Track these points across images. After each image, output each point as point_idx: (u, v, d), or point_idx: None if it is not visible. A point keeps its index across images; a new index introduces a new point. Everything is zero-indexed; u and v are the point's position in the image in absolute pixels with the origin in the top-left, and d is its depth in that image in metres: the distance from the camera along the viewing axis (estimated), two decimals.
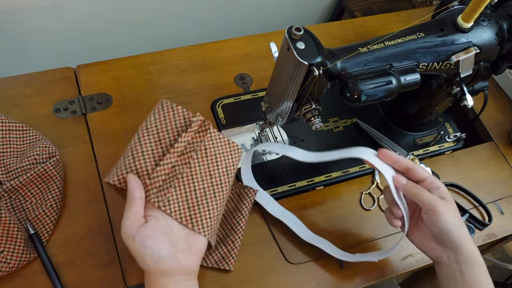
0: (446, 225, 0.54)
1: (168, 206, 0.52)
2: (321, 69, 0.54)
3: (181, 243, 0.51)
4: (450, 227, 0.54)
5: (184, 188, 0.54)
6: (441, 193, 0.56)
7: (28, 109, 0.70)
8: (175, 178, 0.53)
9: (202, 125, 0.56)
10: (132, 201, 0.50)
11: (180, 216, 0.53)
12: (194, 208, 0.54)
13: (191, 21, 1.18)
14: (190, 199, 0.54)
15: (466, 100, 0.69)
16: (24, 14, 0.94)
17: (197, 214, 0.54)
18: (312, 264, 0.64)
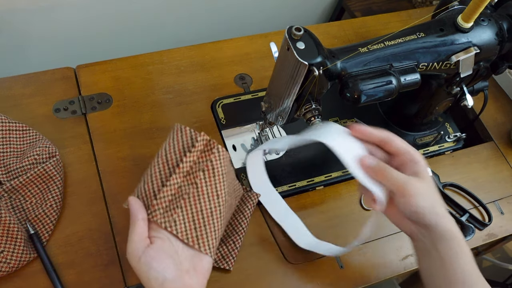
0: (418, 208, 0.51)
1: (174, 227, 0.52)
2: (321, 69, 0.54)
3: (186, 264, 0.50)
4: (422, 209, 0.51)
5: (191, 208, 0.53)
6: (416, 169, 0.52)
7: (28, 109, 0.70)
8: (182, 198, 0.53)
9: (207, 144, 0.55)
10: (135, 222, 0.50)
11: (187, 237, 0.52)
12: (200, 228, 0.53)
13: (191, 21, 1.18)
14: (197, 220, 0.53)
15: (466, 100, 0.69)
16: (24, 14, 0.94)
17: (204, 235, 0.53)
18: (312, 264, 0.64)
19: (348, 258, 0.66)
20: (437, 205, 0.52)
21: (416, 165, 0.53)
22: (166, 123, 0.72)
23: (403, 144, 0.54)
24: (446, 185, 0.74)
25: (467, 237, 0.70)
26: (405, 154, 0.53)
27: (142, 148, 0.69)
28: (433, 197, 0.52)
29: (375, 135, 0.54)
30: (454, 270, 0.51)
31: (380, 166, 0.53)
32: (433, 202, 0.52)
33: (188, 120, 0.73)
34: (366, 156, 0.54)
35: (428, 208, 0.51)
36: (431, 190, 0.52)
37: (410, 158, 0.53)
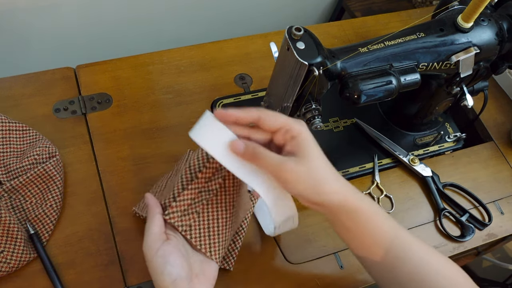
0: (298, 192, 0.46)
1: (189, 231, 0.52)
2: (321, 69, 0.54)
3: (196, 268, 0.50)
4: (303, 192, 0.46)
5: (207, 215, 0.53)
6: (294, 145, 0.46)
7: (28, 109, 0.70)
8: (200, 203, 0.52)
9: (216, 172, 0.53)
10: (155, 215, 0.50)
11: (200, 244, 0.52)
12: (214, 237, 0.53)
13: (191, 21, 1.18)
14: (212, 227, 0.53)
15: (466, 100, 0.69)
16: (24, 14, 0.94)
17: (216, 243, 0.53)
18: (312, 264, 0.64)
19: (348, 258, 0.66)
20: (322, 184, 0.46)
21: (294, 140, 0.46)
22: (166, 123, 0.72)
23: (277, 117, 0.47)
24: (446, 185, 0.74)
25: (467, 237, 0.70)
26: (281, 129, 0.47)
27: (142, 148, 0.69)
28: (315, 177, 0.46)
29: (244, 116, 0.47)
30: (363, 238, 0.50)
31: (249, 149, 0.46)
32: (314, 182, 0.46)
33: (188, 120, 0.73)
34: (234, 142, 0.46)
35: (309, 190, 0.46)
36: (311, 170, 0.46)
37: (288, 133, 0.47)
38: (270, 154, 0.46)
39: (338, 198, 0.47)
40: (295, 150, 0.46)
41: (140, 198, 0.65)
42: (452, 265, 0.51)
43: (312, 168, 0.46)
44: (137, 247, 0.61)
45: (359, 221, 0.49)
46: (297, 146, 0.46)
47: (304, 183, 0.46)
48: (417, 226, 0.71)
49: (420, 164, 0.75)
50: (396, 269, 0.50)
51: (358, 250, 0.52)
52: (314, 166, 0.46)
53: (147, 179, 0.67)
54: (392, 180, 0.74)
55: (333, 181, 0.47)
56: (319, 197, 0.47)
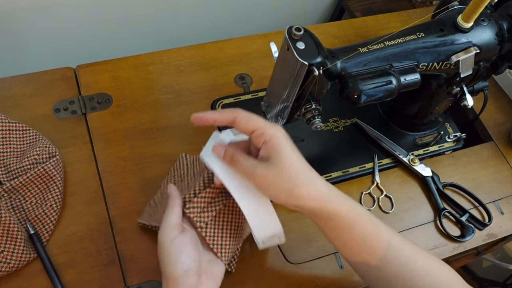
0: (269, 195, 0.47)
1: (205, 229, 0.52)
2: (321, 69, 0.54)
3: (204, 266, 0.50)
4: (276, 198, 0.46)
5: (223, 216, 0.53)
6: (268, 149, 0.46)
7: (28, 109, 0.70)
8: (220, 203, 0.53)
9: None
10: (175, 206, 0.51)
11: (213, 243, 0.52)
12: (226, 238, 0.53)
13: (191, 21, 1.18)
14: (225, 229, 0.53)
15: (466, 100, 0.69)
16: (24, 14, 0.94)
17: (227, 245, 0.53)
18: (312, 264, 0.64)
19: None
20: (296, 187, 0.45)
21: (266, 144, 0.46)
22: (166, 123, 0.72)
23: (250, 120, 0.47)
24: (446, 185, 0.74)
25: (467, 237, 0.70)
26: (256, 132, 0.47)
27: (142, 148, 0.69)
28: (288, 180, 0.45)
29: (220, 119, 0.48)
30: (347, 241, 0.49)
31: (228, 154, 0.47)
32: (287, 186, 0.45)
33: (188, 120, 0.72)
34: (217, 146, 0.49)
35: (282, 194, 0.46)
36: (281, 174, 0.45)
37: (261, 137, 0.46)
38: (245, 160, 0.47)
39: (314, 204, 0.47)
40: (268, 155, 0.46)
41: (140, 198, 0.65)
42: (440, 264, 0.51)
43: (283, 172, 0.45)
44: (137, 247, 0.61)
45: (340, 226, 0.49)
46: (269, 150, 0.46)
47: (275, 187, 0.46)
48: (417, 226, 0.71)
49: (420, 164, 0.75)
50: (382, 269, 0.50)
51: (342, 251, 0.52)
52: (286, 170, 0.45)
53: (147, 179, 0.67)
54: (392, 180, 0.74)
55: (308, 185, 0.46)
56: (295, 201, 0.46)
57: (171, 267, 0.47)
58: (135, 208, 0.64)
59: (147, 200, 0.65)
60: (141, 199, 0.65)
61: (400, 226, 0.70)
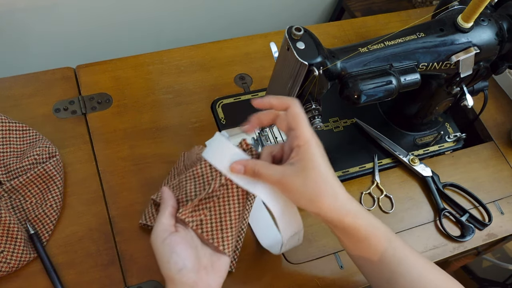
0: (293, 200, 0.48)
1: (200, 226, 0.52)
2: (321, 69, 0.54)
3: (205, 260, 0.51)
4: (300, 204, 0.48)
5: (219, 209, 0.53)
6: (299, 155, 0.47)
7: (28, 109, 0.70)
8: (211, 200, 0.53)
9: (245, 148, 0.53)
10: (167, 207, 0.51)
11: (212, 237, 0.52)
12: (227, 230, 0.53)
13: (191, 21, 1.18)
14: (224, 221, 0.53)
15: (466, 100, 0.69)
16: (24, 14, 0.94)
17: (229, 236, 0.53)
18: (312, 264, 0.64)
19: (348, 258, 0.65)
20: (317, 198, 0.47)
21: (299, 149, 0.47)
22: (166, 123, 0.72)
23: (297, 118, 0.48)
24: (446, 185, 0.74)
25: (467, 237, 0.70)
26: (293, 132, 0.48)
27: (142, 148, 0.69)
28: (311, 190, 0.46)
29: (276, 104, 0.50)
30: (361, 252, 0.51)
31: (248, 168, 0.48)
32: (310, 195, 0.47)
33: (188, 120, 0.73)
34: (234, 165, 0.49)
35: (304, 201, 0.47)
36: (307, 182, 0.46)
37: (296, 139, 0.47)
38: (268, 170, 0.48)
39: (333, 216, 0.48)
40: (298, 159, 0.47)
41: (140, 198, 0.65)
42: (450, 280, 0.52)
43: (309, 179, 0.46)
44: (137, 247, 0.61)
45: (357, 239, 0.50)
46: (301, 155, 0.47)
47: (299, 193, 0.47)
48: (417, 226, 0.71)
49: (420, 164, 0.75)
50: (393, 283, 0.51)
51: (355, 259, 0.54)
52: (312, 178, 0.46)
53: (147, 179, 0.67)
54: (392, 180, 0.74)
55: (330, 196, 0.47)
56: (315, 210, 0.48)
57: (165, 267, 0.48)
58: (135, 208, 0.64)
59: (147, 200, 0.65)
60: (141, 199, 0.65)
61: (400, 226, 0.70)
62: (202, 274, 0.49)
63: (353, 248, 0.52)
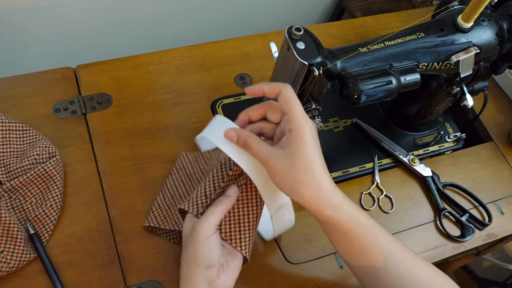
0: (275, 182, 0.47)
1: (219, 226, 0.53)
2: (321, 69, 0.54)
3: (222, 260, 0.52)
4: (281, 188, 0.47)
5: (238, 211, 0.54)
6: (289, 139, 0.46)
7: (28, 109, 0.70)
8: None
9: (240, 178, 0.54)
10: (222, 208, 0.51)
11: (230, 238, 0.53)
12: (245, 232, 0.54)
13: (191, 21, 1.18)
14: (243, 222, 0.54)
15: (466, 100, 0.69)
16: (24, 14, 0.94)
17: (247, 238, 0.54)
18: (312, 264, 0.64)
19: None
20: (299, 186, 0.45)
21: (290, 134, 0.46)
22: (166, 123, 0.72)
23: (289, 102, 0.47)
24: (446, 185, 0.74)
25: (467, 237, 0.70)
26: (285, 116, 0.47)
27: (142, 148, 0.69)
28: (294, 176, 0.45)
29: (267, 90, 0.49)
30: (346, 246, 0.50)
31: (241, 138, 0.48)
32: (292, 183, 0.46)
33: (188, 120, 0.73)
34: (228, 130, 0.49)
35: (286, 189, 0.47)
36: (292, 168, 0.45)
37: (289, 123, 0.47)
38: (259, 146, 0.47)
39: (313, 207, 0.47)
40: (288, 144, 0.46)
41: (140, 198, 0.65)
42: (442, 276, 0.51)
43: (294, 167, 0.45)
44: (137, 247, 0.61)
45: (338, 232, 0.49)
46: (290, 140, 0.46)
47: (282, 178, 0.46)
48: (417, 226, 0.71)
49: (420, 164, 0.75)
50: (380, 279, 0.50)
51: (342, 255, 0.53)
52: (297, 166, 0.45)
53: (147, 179, 0.67)
54: (392, 180, 0.74)
55: (312, 187, 0.46)
56: (295, 198, 0.47)
57: (197, 261, 0.49)
58: (135, 208, 0.64)
59: (147, 200, 0.65)
60: (141, 199, 0.65)
61: (400, 226, 0.70)
62: (221, 272, 0.51)
63: (336, 241, 0.51)
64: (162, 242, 0.62)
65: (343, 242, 0.50)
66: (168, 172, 0.67)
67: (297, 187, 0.46)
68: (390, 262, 0.49)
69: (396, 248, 0.50)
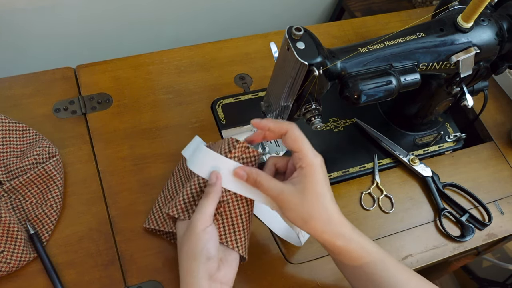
0: (288, 217, 0.50)
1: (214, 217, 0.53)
2: (321, 69, 0.54)
3: (220, 253, 0.53)
4: (295, 222, 0.50)
5: (230, 213, 0.54)
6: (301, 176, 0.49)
7: (28, 109, 0.70)
8: (221, 204, 0.53)
9: (245, 151, 0.54)
10: (215, 196, 0.51)
11: (226, 240, 0.54)
12: (239, 232, 0.54)
13: (191, 21, 1.18)
14: (236, 224, 0.54)
15: (466, 100, 0.69)
16: (24, 14, 0.94)
17: (243, 238, 0.54)
18: (312, 264, 0.64)
19: None
20: (312, 220, 0.49)
21: (302, 170, 0.49)
22: (166, 123, 0.72)
23: (298, 140, 0.50)
24: (446, 185, 0.74)
25: (467, 237, 0.70)
26: (297, 154, 0.50)
27: (142, 148, 0.69)
28: (307, 213, 0.48)
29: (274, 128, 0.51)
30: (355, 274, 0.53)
31: (251, 177, 0.51)
32: (305, 217, 0.49)
33: (188, 120, 0.73)
34: (238, 169, 0.51)
35: (299, 222, 0.49)
36: (304, 203, 0.48)
37: (300, 160, 0.50)
38: (269, 183, 0.50)
39: (325, 238, 0.50)
40: (299, 180, 0.49)
41: (140, 198, 0.65)
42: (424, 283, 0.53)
43: (306, 201, 0.49)
44: (137, 247, 0.61)
45: (348, 260, 0.52)
46: (302, 177, 0.49)
47: (295, 213, 0.49)
48: (417, 226, 0.71)
49: (420, 164, 0.75)
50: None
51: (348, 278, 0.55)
52: (309, 201, 0.49)
53: (147, 179, 0.67)
54: (392, 180, 0.74)
55: (324, 220, 0.49)
56: (308, 231, 0.50)
57: (197, 251, 0.49)
58: (135, 208, 0.64)
59: (147, 200, 0.65)
60: (141, 199, 0.65)
61: (400, 226, 0.70)
62: (220, 266, 0.51)
63: (346, 271, 0.54)
64: (162, 242, 0.62)
65: (353, 270, 0.53)
66: (168, 172, 0.67)
67: (309, 220, 0.49)
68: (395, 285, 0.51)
69: (406, 277, 0.52)
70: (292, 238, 0.63)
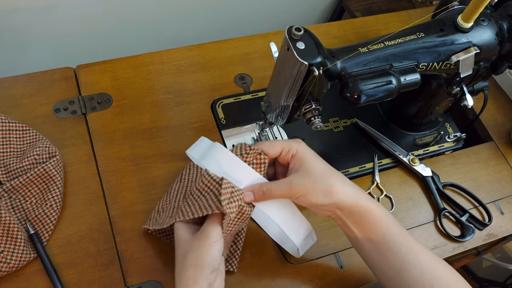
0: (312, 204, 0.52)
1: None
2: (321, 69, 0.54)
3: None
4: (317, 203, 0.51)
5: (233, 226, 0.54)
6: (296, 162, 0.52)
7: (28, 109, 0.70)
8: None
9: (257, 157, 0.54)
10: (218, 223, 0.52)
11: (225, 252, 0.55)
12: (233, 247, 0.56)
13: (191, 21, 1.18)
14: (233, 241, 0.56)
15: (466, 100, 0.69)
16: (24, 14, 0.94)
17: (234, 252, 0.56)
18: (312, 264, 0.64)
19: (348, 258, 0.66)
20: (331, 188, 0.51)
21: (294, 158, 0.53)
22: (166, 123, 0.72)
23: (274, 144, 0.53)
24: (446, 185, 0.74)
25: (467, 237, 0.70)
26: (283, 152, 0.53)
27: (142, 148, 0.69)
28: (322, 183, 0.51)
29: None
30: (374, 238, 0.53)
31: (258, 194, 0.52)
32: (325, 188, 0.51)
33: (188, 120, 0.73)
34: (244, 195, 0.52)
35: (320, 197, 0.51)
36: (316, 179, 0.51)
37: (289, 152, 0.53)
38: (277, 185, 0.51)
39: (350, 200, 0.52)
40: (298, 165, 0.52)
41: (140, 198, 0.65)
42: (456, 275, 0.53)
43: (317, 176, 0.51)
44: (137, 247, 0.61)
45: (370, 221, 0.53)
46: (299, 161, 0.52)
47: (313, 191, 0.51)
48: (417, 226, 0.71)
49: (420, 164, 0.75)
50: (404, 273, 0.52)
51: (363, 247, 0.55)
52: (319, 174, 0.51)
53: (147, 179, 0.67)
54: (392, 180, 0.74)
55: (341, 184, 0.52)
56: (333, 199, 0.51)
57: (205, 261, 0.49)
58: (135, 208, 0.64)
59: (147, 200, 0.65)
60: (141, 199, 0.65)
61: None
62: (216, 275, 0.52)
63: (363, 232, 0.54)
64: (162, 242, 0.62)
65: (371, 231, 0.53)
66: (168, 172, 0.67)
67: (331, 189, 0.51)
68: (413, 254, 0.52)
69: (416, 243, 0.53)
70: (287, 245, 0.62)
